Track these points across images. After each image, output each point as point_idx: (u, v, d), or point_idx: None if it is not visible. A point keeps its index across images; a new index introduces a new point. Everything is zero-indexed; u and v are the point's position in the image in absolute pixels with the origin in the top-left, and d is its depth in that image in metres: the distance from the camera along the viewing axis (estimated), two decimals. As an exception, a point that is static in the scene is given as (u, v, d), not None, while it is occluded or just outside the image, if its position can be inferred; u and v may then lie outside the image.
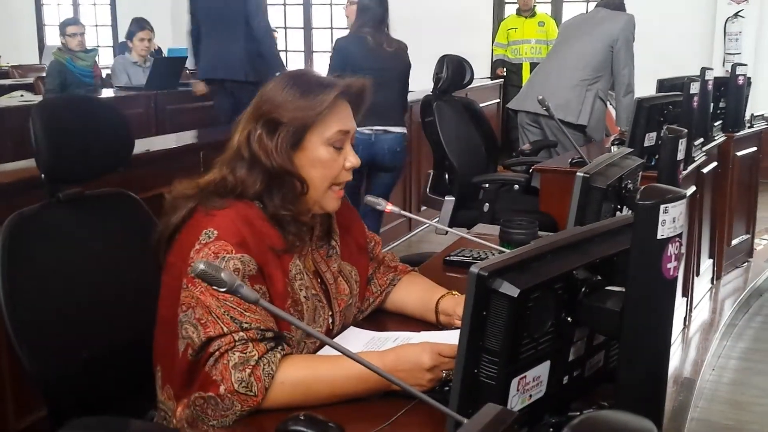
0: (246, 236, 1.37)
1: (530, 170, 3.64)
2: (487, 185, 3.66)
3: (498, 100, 7.19)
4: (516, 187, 3.72)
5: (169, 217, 1.43)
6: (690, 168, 3.29)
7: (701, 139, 3.59)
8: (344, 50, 3.91)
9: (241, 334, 1.29)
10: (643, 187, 1.00)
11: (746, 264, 4.62)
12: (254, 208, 1.43)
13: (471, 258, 2.05)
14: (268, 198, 1.43)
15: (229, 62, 4.51)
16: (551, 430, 1.07)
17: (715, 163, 4.01)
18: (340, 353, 1.14)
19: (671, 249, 0.99)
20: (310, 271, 1.51)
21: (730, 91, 4.15)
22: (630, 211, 1.67)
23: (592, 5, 4.91)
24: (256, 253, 1.37)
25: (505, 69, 7.46)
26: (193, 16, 4.72)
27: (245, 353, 1.28)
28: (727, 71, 4.77)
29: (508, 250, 1.26)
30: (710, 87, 3.68)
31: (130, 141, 1.73)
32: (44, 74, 6.00)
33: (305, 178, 1.45)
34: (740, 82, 4.13)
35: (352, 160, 1.49)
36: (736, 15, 7.23)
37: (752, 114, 4.48)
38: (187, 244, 1.37)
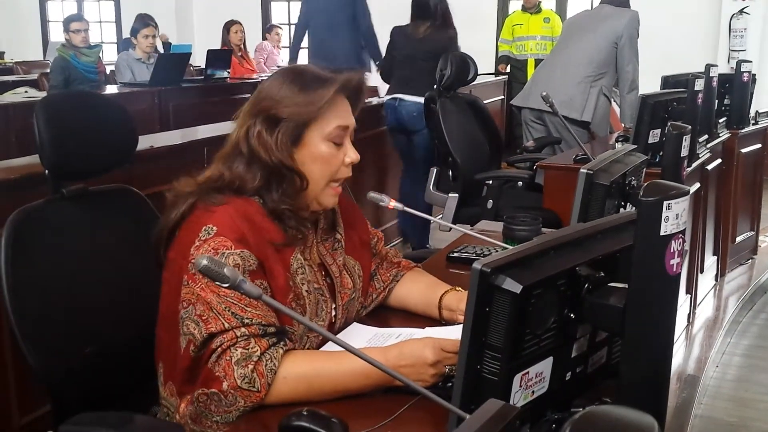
0: (245, 232, 1.37)
1: (534, 167, 3.63)
2: (490, 182, 3.66)
3: (502, 97, 7.18)
4: (519, 183, 3.72)
5: (169, 214, 1.44)
6: (694, 165, 3.28)
7: (705, 136, 3.59)
8: (391, 35, 4.80)
9: (243, 329, 1.30)
10: (646, 184, 1.00)
11: (750, 261, 4.62)
12: (253, 203, 1.43)
13: (474, 254, 2.05)
14: (267, 193, 1.44)
15: (337, 54, 5.31)
16: (553, 426, 1.07)
17: (719, 160, 4.01)
18: (342, 349, 1.14)
19: (674, 245, 0.98)
20: (315, 263, 1.52)
21: (735, 87, 4.14)
22: (633, 208, 1.67)
23: (596, 1, 4.90)
24: (255, 249, 1.37)
25: (508, 66, 7.44)
26: (305, 13, 5.64)
27: (247, 349, 1.29)
28: (732, 68, 4.75)
29: (511, 247, 1.26)
30: (715, 84, 3.67)
31: (134, 137, 1.73)
32: (48, 70, 6.01)
33: (305, 174, 1.45)
34: (745, 78, 4.12)
35: (352, 155, 1.49)
36: (741, 12, 7.21)
37: (757, 111, 4.47)
38: (187, 241, 1.37)
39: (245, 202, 1.42)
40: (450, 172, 3.87)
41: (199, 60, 7.45)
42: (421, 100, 4.27)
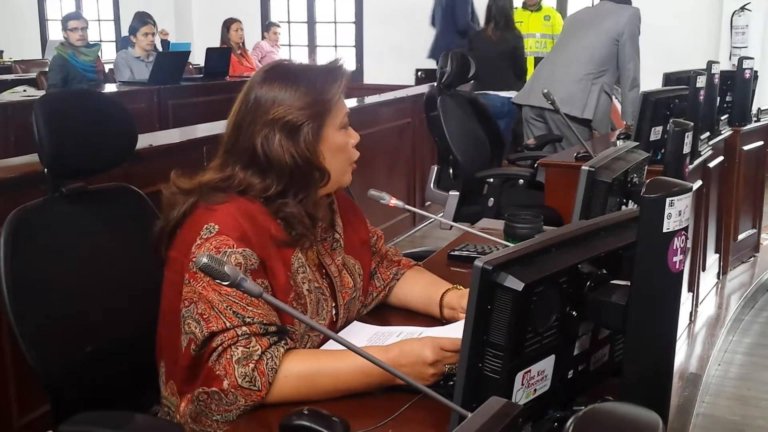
0: (247, 230, 1.37)
1: (535, 165, 3.63)
2: (491, 180, 3.65)
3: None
4: (520, 181, 3.71)
5: (168, 213, 1.43)
6: (696, 162, 3.27)
7: (707, 133, 3.57)
8: (470, 39, 5.94)
9: (244, 328, 1.29)
10: (649, 180, 0.99)
11: (752, 259, 4.61)
12: (256, 202, 1.43)
13: (475, 252, 2.04)
14: (282, 198, 1.43)
15: (441, 48, 6.23)
16: (555, 424, 1.07)
17: (721, 158, 4.00)
18: (343, 347, 1.14)
19: (677, 242, 0.98)
20: (313, 264, 1.51)
21: (737, 84, 4.13)
22: (635, 205, 1.66)
23: (597, -1, 4.92)
24: (257, 248, 1.37)
25: None
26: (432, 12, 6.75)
27: (248, 348, 1.28)
28: (734, 65, 4.74)
29: (512, 245, 1.25)
30: (717, 81, 3.65)
31: (133, 135, 1.72)
32: (47, 69, 6.00)
33: (327, 168, 1.46)
34: (747, 75, 4.11)
35: (355, 135, 1.53)
36: (742, 8, 7.19)
37: (759, 108, 4.45)
38: (189, 240, 1.37)
39: (247, 201, 1.42)
40: (451, 170, 3.87)
41: (198, 58, 7.45)
42: (503, 94, 5.41)
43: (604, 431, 0.64)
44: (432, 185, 3.96)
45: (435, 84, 4.01)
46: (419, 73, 8.03)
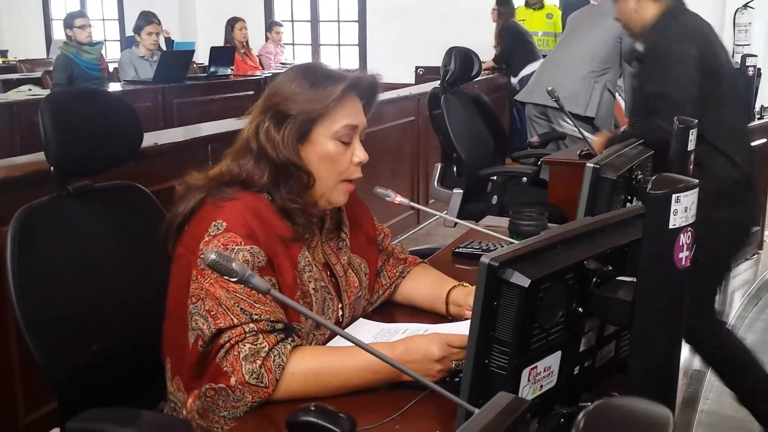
0: (255, 228, 1.37)
1: (538, 162, 3.63)
2: (495, 177, 3.65)
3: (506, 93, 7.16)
4: (524, 179, 3.71)
5: (177, 207, 1.43)
6: (700, 159, 3.26)
7: (711, 131, 3.56)
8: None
9: (252, 325, 1.30)
10: (654, 177, 0.99)
11: (756, 256, 4.61)
12: (263, 200, 1.43)
13: (480, 249, 2.04)
14: (275, 190, 1.43)
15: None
16: (561, 420, 1.07)
17: (724, 155, 3.98)
18: (350, 344, 1.14)
19: (683, 239, 0.98)
20: (319, 263, 1.51)
21: (740, 82, 4.12)
22: (640, 203, 1.66)
23: (600, -3, 4.90)
24: (265, 245, 1.37)
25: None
26: None
27: (256, 345, 1.29)
28: (737, 62, 4.73)
29: (517, 242, 1.25)
30: (720, 78, 3.64)
31: (138, 134, 1.73)
32: (51, 68, 6.01)
33: (312, 172, 1.44)
34: (750, 73, 4.10)
35: (360, 155, 1.47)
36: (745, 6, 7.18)
37: (762, 105, 4.45)
38: (197, 236, 1.37)
39: (255, 198, 1.42)
40: (454, 168, 3.87)
41: (202, 57, 7.46)
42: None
43: (614, 425, 0.64)
44: (436, 183, 3.95)
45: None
46: (419, 70, 8.02)
